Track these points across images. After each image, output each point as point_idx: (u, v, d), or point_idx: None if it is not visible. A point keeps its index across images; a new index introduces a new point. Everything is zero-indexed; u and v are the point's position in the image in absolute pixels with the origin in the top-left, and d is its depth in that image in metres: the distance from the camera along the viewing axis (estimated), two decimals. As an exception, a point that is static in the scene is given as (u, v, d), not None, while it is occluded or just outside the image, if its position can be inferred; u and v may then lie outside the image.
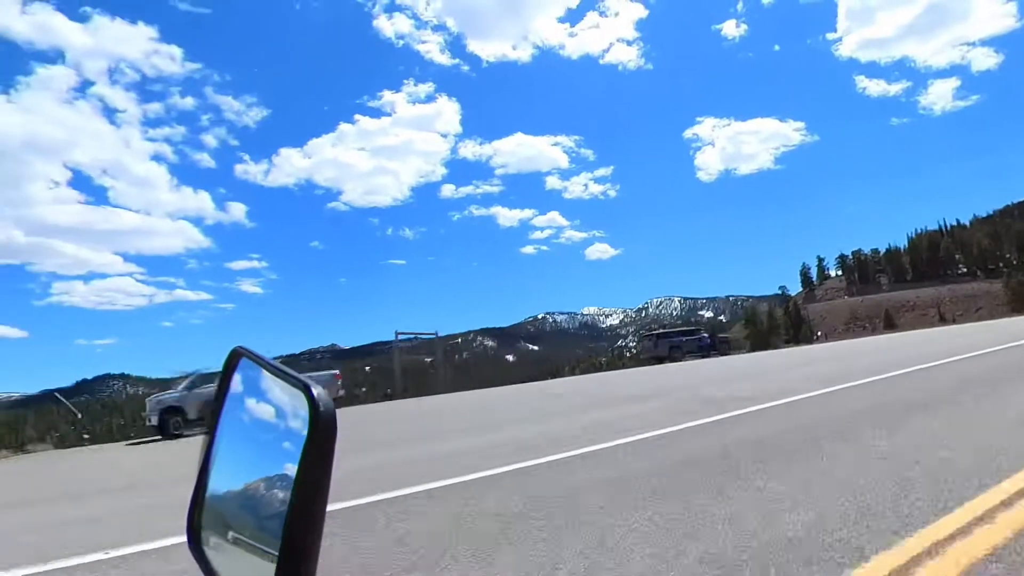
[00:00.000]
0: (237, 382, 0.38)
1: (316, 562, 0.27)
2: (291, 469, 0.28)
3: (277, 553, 0.27)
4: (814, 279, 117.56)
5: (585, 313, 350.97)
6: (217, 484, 0.37)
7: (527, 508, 3.54)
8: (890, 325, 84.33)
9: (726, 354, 32.64)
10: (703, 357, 30.69)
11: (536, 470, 4.74)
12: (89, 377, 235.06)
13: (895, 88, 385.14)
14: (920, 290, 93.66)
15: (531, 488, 4.10)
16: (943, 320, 77.11)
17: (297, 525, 0.27)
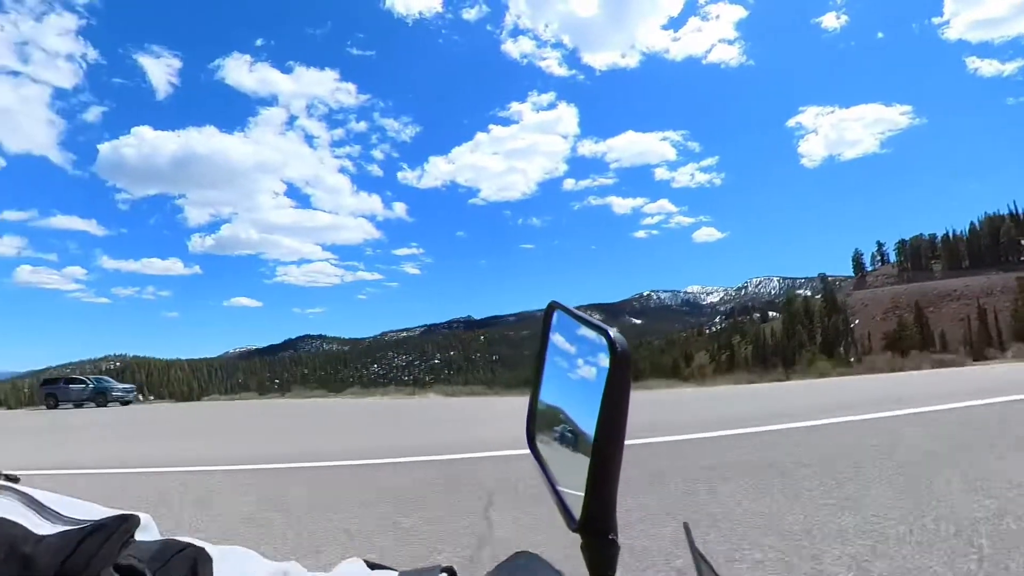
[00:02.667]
0: (552, 327, 0.45)
1: (619, 462, 0.31)
2: (597, 392, 0.32)
3: (590, 454, 0.31)
4: (867, 265, 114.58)
5: (688, 291, 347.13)
6: (545, 402, 0.45)
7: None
8: (919, 317, 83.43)
9: (128, 404, 28.74)
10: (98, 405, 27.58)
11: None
12: (293, 336, 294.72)
13: (1010, 67, 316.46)
14: (972, 278, 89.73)
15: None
16: (981, 320, 73.14)
17: (603, 434, 0.30)
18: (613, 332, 0.32)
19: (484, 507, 3.54)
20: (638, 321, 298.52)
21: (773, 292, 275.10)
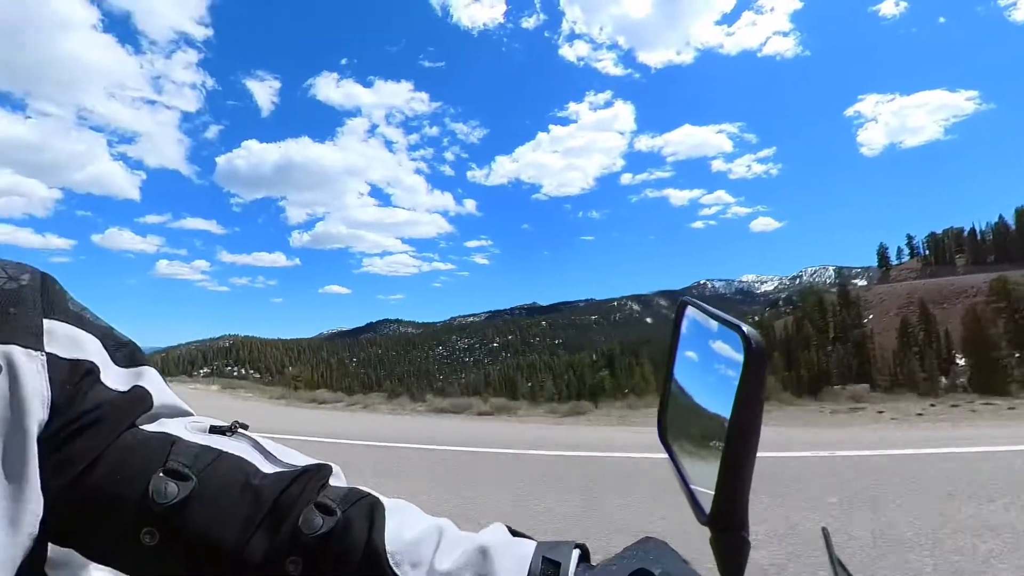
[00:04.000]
0: (685, 323, 0.43)
1: (753, 459, 0.30)
2: (729, 388, 0.31)
3: (722, 449, 0.31)
4: (891, 258, 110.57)
5: (742, 280, 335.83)
6: (676, 396, 0.44)
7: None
8: (924, 314, 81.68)
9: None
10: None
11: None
12: (374, 320, 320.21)
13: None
14: (993, 274, 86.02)
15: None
16: (973, 324, 70.47)
17: (736, 430, 0.30)
18: (747, 329, 0.31)
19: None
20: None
21: (829, 281, 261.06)
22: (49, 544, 0.36)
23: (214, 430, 0.42)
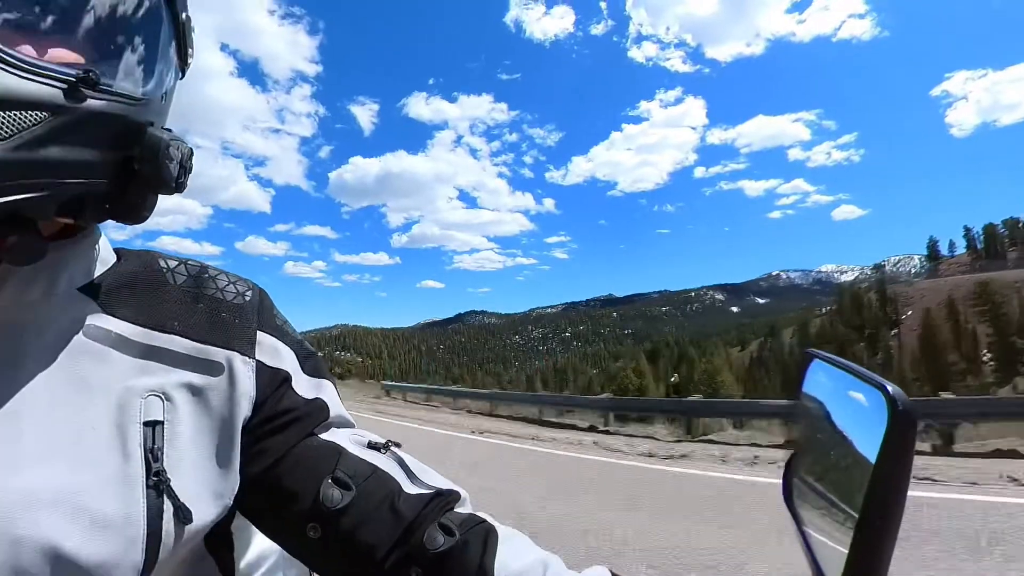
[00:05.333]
0: (811, 376, 0.40)
1: (893, 540, 0.26)
2: (865, 455, 0.28)
3: (855, 523, 0.27)
4: (943, 251, 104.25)
5: (821, 270, 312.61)
6: (804, 455, 0.41)
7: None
8: (952, 313, 78.78)
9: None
10: None
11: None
12: (463, 311, 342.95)
13: None
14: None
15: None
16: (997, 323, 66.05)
17: (875, 504, 0.26)
18: (892, 388, 0.27)
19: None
20: (762, 300, 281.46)
21: (914, 270, 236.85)
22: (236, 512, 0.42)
23: (371, 445, 0.46)
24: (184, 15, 0.39)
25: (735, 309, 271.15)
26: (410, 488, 0.44)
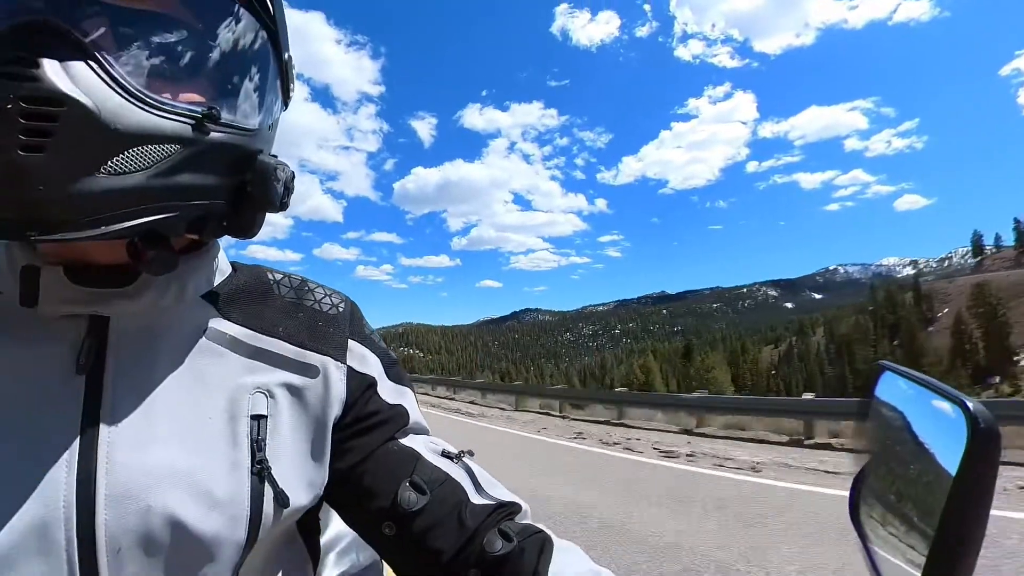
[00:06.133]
0: (882, 390, 0.37)
1: (972, 564, 0.24)
2: (942, 472, 0.26)
3: (929, 545, 0.25)
4: (986, 245, 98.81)
5: (881, 264, 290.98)
6: (873, 473, 0.38)
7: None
8: (987, 311, 76.33)
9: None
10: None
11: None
12: (518, 309, 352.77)
13: None
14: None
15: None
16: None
17: (953, 524, 0.25)
18: (973, 404, 0.26)
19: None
20: (818, 296, 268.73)
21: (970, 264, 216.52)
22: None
23: (444, 454, 0.49)
24: (286, 55, 0.43)
25: (789, 305, 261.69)
26: (476, 498, 0.46)
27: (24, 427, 0.34)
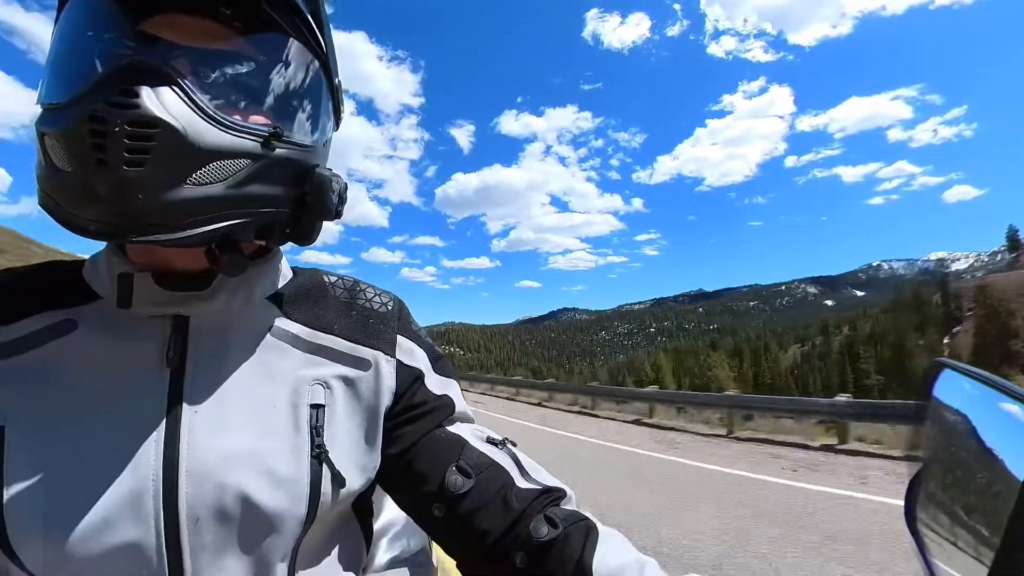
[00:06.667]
0: (940, 389, 0.35)
1: None
2: (1011, 478, 0.24)
3: (994, 552, 0.24)
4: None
5: (930, 258, 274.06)
6: (936, 472, 0.36)
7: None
8: (992, 314, 74.40)
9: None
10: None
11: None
12: (556, 308, 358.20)
13: None
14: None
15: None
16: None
17: (1020, 537, 0.23)
18: None
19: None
20: (861, 293, 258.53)
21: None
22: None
23: (489, 440, 0.52)
24: (336, 79, 0.48)
25: (829, 303, 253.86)
26: (521, 483, 0.49)
27: (120, 412, 0.39)
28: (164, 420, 0.40)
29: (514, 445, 0.53)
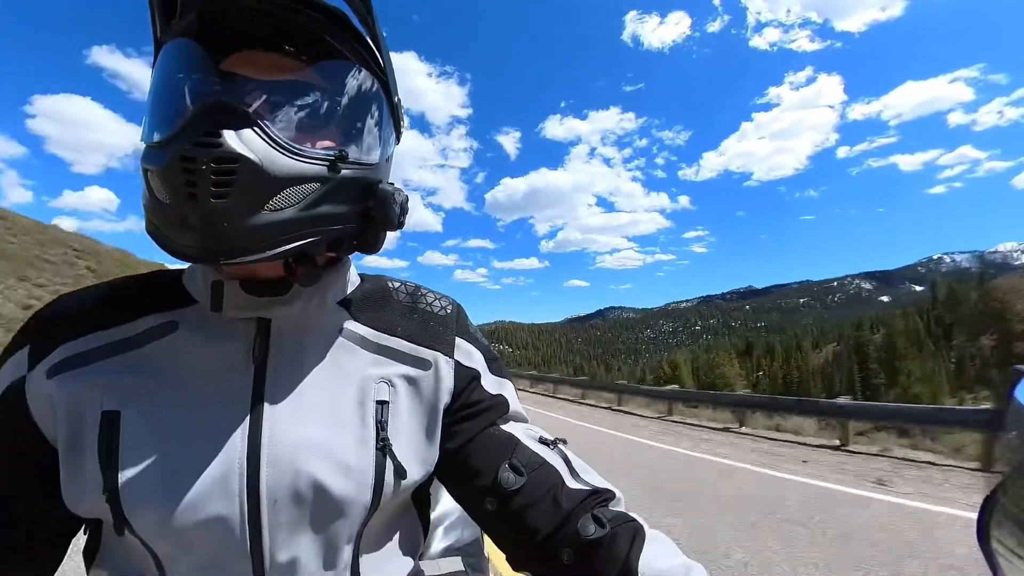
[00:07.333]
0: (1020, 399, 0.33)
1: None
2: None
3: None
4: None
5: (996, 250, 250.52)
6: (1014, 490, 0.33)
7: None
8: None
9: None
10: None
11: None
12: (603, 307, 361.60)
13: None
14: None
15: None
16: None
17: None
18: None
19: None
20: (919, 288, 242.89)
21: None
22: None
23: (541, 440, 0.54)
24: (396, 98, 0.51)
25: (885, 299, 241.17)
26: (571, 483, 0.51)
27: (213, 403, 0.44)
28: (249, 413, 0.44)
29: (564, 444, 0.55)
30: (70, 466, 0.43)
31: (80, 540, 0.48)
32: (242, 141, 0.37)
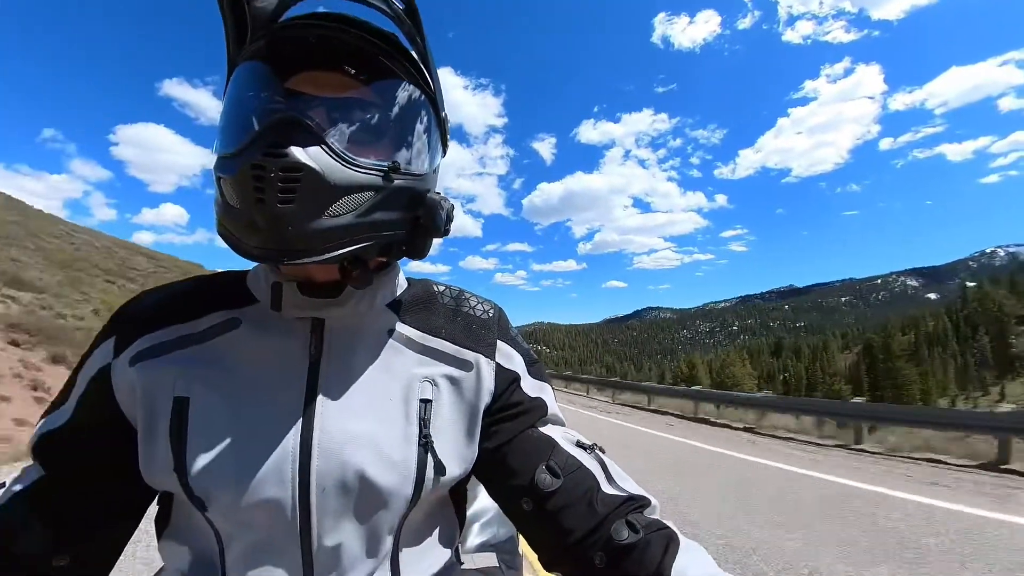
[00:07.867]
0: None
1: None
2: None
3: None
4: None
5: None
6: None
7: None
8: None
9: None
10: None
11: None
12: (640, 308, 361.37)
13: None
14: None
15: None
16: None
17: None
18: None
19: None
20: (971, 284, 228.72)
21: None
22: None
23: (579, 444, 0.55)
24: (443, 113, 0.54)
25: (932, 296, 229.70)
26: (607, 488, 0.51)
27: (271, 395, 0.48)
28: (303, 406, 0.47)
29: (602, 451, 0.56)
30: (147, 444, 0.47)
31: (153, 510, 0.54)
32: (306, 152, 0.40)
